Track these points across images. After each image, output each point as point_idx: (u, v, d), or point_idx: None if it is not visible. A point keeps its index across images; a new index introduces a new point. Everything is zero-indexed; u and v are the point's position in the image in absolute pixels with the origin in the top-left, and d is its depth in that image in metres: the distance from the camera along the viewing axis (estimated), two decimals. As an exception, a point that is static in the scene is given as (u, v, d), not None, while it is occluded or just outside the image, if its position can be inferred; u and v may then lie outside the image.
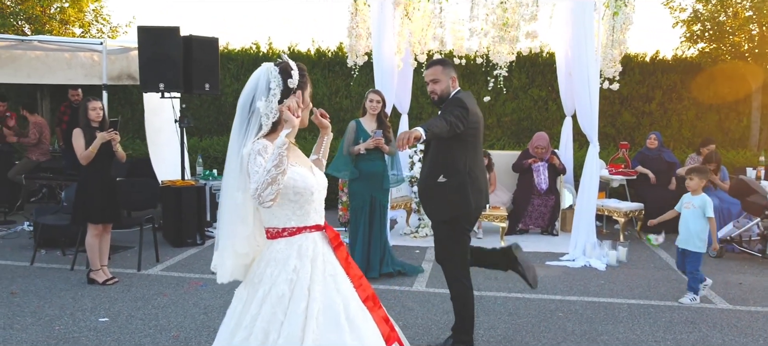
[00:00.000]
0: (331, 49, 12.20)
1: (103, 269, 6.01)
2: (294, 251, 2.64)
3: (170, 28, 7.45)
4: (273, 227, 2.68)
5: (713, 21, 10.31)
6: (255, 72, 2.71)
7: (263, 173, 2.44)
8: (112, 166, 6.11)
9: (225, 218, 2.71)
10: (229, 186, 2.68)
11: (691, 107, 11.14)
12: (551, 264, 6.98)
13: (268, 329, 2.53)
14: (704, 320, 5.18)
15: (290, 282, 2.58)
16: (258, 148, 2.54)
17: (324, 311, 2.56)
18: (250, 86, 2.67)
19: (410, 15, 7.30)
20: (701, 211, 5.63)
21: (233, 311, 2.70)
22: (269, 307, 2.55)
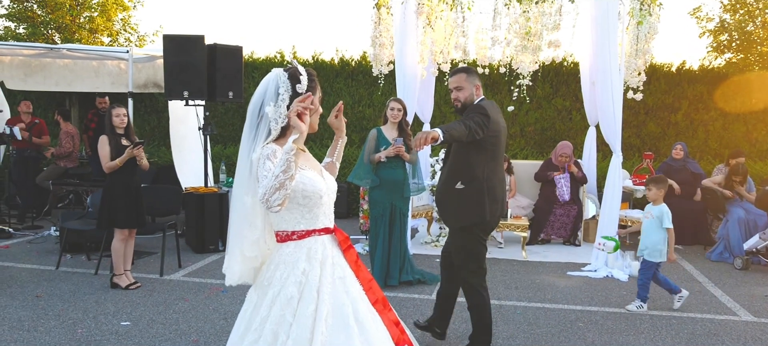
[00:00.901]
0: (354, 58, 12.26)
1: (126, 274, 6.09)
2: (303, 253, 2.66)
3: (195, 36, 7.56)
4: (282, 230, 2.70)
5: (741, 31, 10.21)
6: (265, 78, 2.74)
7: (271, 177, 2.45)
8: (137, 173, 6.18)
9: (235, 222, 2.74)
10: (239, 191, 2.71)
11: (717, 118, 10.99)
12: (573, 274, 6.92)
13: (278, 331, 2.54)
14: (727, 332, 5.10)
15: (299, 284, 2.60)
16: (267, 152, 2.56)
17: (333, 313, 2.58)
18: (259, 92, 2.70)
19: (432, 24, 7.32)
20: (659, 221, 5.60)
21: (244, 314, 2.73)
22: (278, 309, 2.57)
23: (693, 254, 8.10)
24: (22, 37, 12.11)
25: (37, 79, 10.04)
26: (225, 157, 10.69)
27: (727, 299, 6.09)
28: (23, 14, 12.25)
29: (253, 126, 2.67)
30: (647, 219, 5.73)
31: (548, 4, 6.96)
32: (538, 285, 6.46)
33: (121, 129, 6.05)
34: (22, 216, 9.36)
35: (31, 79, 10.06)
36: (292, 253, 2.66)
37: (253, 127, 2.67)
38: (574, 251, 8.09)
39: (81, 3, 12.44)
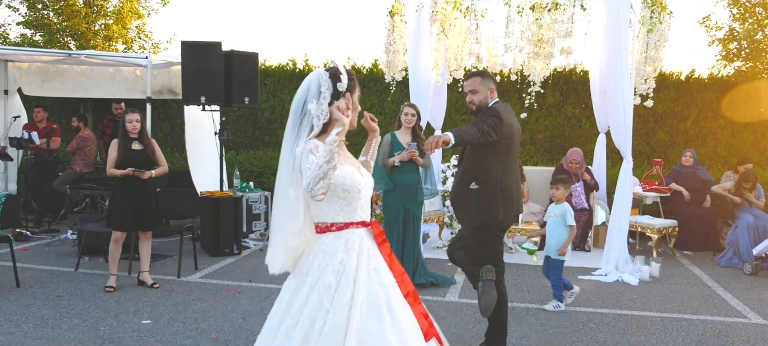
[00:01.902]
0: (365, 66, 12.40)
1: (142, 274, 6.27)
2: (341, 244, 2.79)
3: (212, 43, 7.70)
4: (322, 222, 2.84)
5: (750, 40, 10.29)
6: (307, 77, 2.89)
7: (315, 168, 2.60)
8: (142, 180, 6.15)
9: (278, 214, 2.89)
10: (282, 184, 2.85)
11: (726, 126, 11.05)
12: (583, 278, 7.00)
13: (315, 316, 2.67)
14: (737, 334, 5.18)
15: (337, 273, 2.72)
16: (310, 147, 2.71)
17: (367, 302, 2.70)
18: (302, 90, 2.86)
19: (446, 31, 7.43)
20: (562, 219, 5.67)
21: (281, 301, 2.86)
22: (316, 296, 2.70)
23: (703, 260, 8.17)
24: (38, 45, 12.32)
25: (54, 85, 10.23)
26: (237, 163, 10.82)
27: (736, 302, 6.17)
28: (40, 22, 12.46)
29: (297, 123, 2.82)
30: (551, 218, 5.79)
31: (560, 12, 7.08)
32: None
33: (135, 134, 6.15)
34: (38, 220, 9.51)
35: (48, 85, 10.25)
36: (330, 243, 2.79)
37: (296, 124, 2.82)
38: (584, 256, 8.16)
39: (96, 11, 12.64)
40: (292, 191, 2.81)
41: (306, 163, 2.68)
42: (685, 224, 8.46)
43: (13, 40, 13.03)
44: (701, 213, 8.68)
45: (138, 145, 6.16)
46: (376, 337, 2.64)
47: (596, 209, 8.63)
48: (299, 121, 2.82)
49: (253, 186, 9.48)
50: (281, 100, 12.40)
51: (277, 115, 12.40)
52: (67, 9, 12.31)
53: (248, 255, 7.90)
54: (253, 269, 7.05)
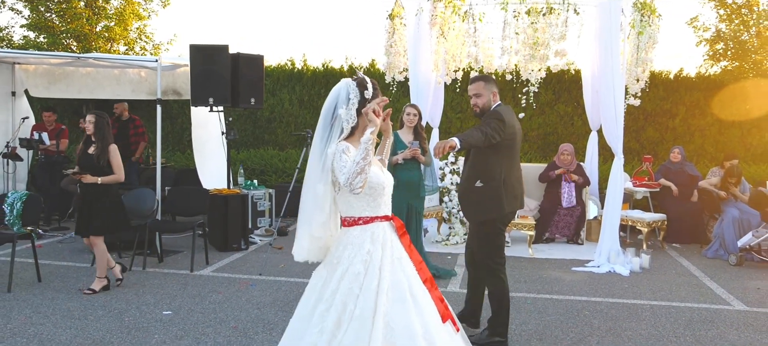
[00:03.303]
0: (363, 66, 12.70)
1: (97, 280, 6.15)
2: (368, 236, 3.13)
3: (220, 46, 7.98)
4: (350, 216, 3.18)
5: (736, 40, 10.66)
6: (336, 86, 3.21)
7: (353, 164, 2.94)
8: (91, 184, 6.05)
9: (306, 207, 3.21)
10: (311, 180, 3.18)
11: (714, 123, 11.45)
12: (577, 270, 7.35)
13: (346, 301, 3.01)
14: (722, 319, 5.53)
15: (365, 262, 3.06)
16: (342, 148, 3.05)
17: (392, 288, 3.04)
18: (332, 97, 3.17)
19: (445, 34, 7.75)
20: None
21: (313, 288, 3.19)
22: (347, 283, 3.04)
23: (690, 252, 8.54)
24: (42, 47, 12.54)
25: (60, 86, 10.46)
26: (239, 161, 11.11)
27: (721, 291, 6.53)
28: (43, 24, 12.67)
29: (327, 126, 3.14)
30: None
31: (555, 16, 7.41)
32: (545, 279, 6.89)
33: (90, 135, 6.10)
34: (47, 219, 9.76)
35: (55, 86, 10.48)
36: (358, 236, 3.13)
37: (327, 127, 3.14)
38: (577, 249, 8.52)
39: (98, 13, 12.87)
40: (321, 187, 3.13)
41: (339, 163, 3.01)
42: (673, 217, 8.82)
43: (17, 43, 13.24)
44: (689, 207, 9.05)
45: (94, 148, 6.07)
46: (401, 319, 2.98)
47: (588, 204, 8.98)
48: (330, 124, 3.13)
49: (257, 184, 9.77)
50: (280, 100, 12.69)
51: (276, 114, 12.69)
52: (70, 11, 12.54)
53: (255, 250, 8.21)
54: (261, 263, 7.35)
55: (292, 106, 12.67)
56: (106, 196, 6.14)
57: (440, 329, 3.09)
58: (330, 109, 3.16)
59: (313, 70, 12.83)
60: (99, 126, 6.09)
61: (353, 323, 2.97)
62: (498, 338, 4.77)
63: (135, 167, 10.67)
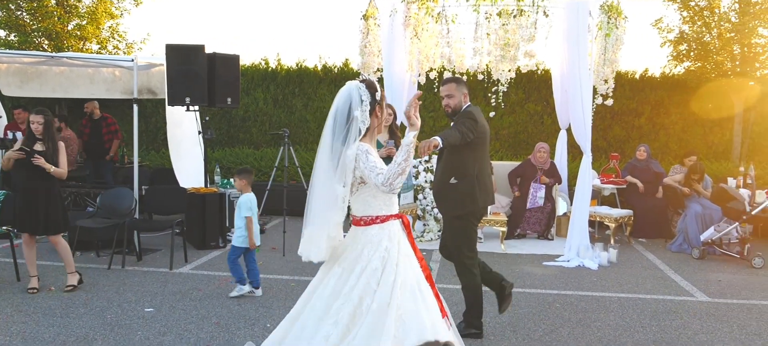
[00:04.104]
0: (337, 65, 12.83)
1: (31, 279, 6.12)
2: (385, 234, 3.28)
3: (196, 46, 8.04)
4: (368, 215, 3.30)
5: (698, 41, 11.00)
6: (344, 89, 3.31)
7: (395, 166, 3.06)
8: (43, 179, 6.05)
9: (319, 208, 3.31)
10: (325, 182, 3.26)
11: (678, 122, 11.83)
12: (548, 264, 7.59)
13: (363, 296, 3.15)
14: (686, 310, 5.80)
15: (382, 259, 3.21)
16: (365, 149, 3.18)
17: (404, 283, 3.20)
18: (344, 99, 3.26)
19: (419, 35, 7.92)
20: (240, 209, 6.11)
21: (326, 285, 3.29)
22: (365, 279, 3.18)
23: (655, 246, 8.84)
24: (13, 45, 12.40)
25: (33, 86, 10.38)
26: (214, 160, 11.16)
27: (685, 283, 6.82)
28: (14, 22, 12.53)
29: (343, 128, 3.22)
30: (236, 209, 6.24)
31: (525, 18, 7.63)
32: (517, 274, 7.11)
33: (39, 135, 6.06)
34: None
35: (28, 86, 10.40)
36: (376, 234, 3.27)
37: (342, 129, 3.22)
38: (548, 245, 8.76)
39: (70, 11, 12.76)
40: (340, 188, 3.22)
41: (368, 164, 3.14)
42: (639, 213, 9.12)
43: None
44: (654, 203, 9.37)
45: (41, 145, 6.05)
46: (412, 313, 3.14)
47: (558, 201, 9.24)
48: (346, 126, 3.21)
49: (233, 182, 9.83)
50: (254, 99, 12.77)
51: (250, 113, 12.77)
52: (41, 9, 12.42)
53: (233, 248, 8.29)
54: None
55: (266, 105, 12.75)
56: (56, 194, 6.22)
57: (443, 323, 3.26)
58: (344, 111, 3.22)
59: (287, 69, 12.93)
60: (48, 126, 6.11)
61: (368, 317, 3.10)
62: (474, 329, 4.96)
63: (109, 166, 10.67)
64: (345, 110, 3.24)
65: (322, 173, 3.30)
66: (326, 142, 3.28)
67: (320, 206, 3.32)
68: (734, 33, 10.67)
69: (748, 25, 10.45)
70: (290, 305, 5.61)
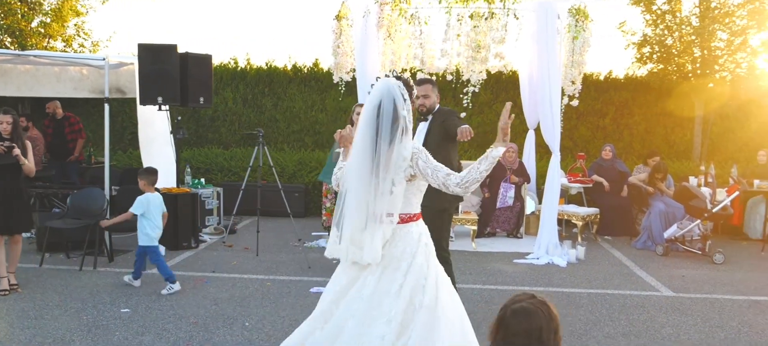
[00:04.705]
0: (306, 65, 12.84)
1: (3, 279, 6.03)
2: (423, 229, 3.38)
3: (168, 45, 8.00)
4: (407, 213, 3.33)
5: (661, 44, 11.30)
6: (384, 87, 3.22)
7: (476, 172, 3.15)
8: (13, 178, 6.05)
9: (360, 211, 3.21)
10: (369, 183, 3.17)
11: (641, 122, 12.14)
12: (518, 262, 7.75)
13: (413, 294, 3.20)
14: (652, 304, 6.01)
15: (425, 256, 3.30)
16: (422, 148, 3.26)
17: (443, 279, 3.35)
18: (388, 98, 3.18)
19: (392, 36, 8.02)
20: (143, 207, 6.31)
21: (363, 286, 3.25)
22: (413, 275, 3.22)
23: (621, 243, 9.09)
24: (-26, 43, 12.15)
25: (-4, 84, 10.21)
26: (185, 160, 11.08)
27: (651, 278, 7.04)
28: (-26, 20, 12.27)
29: (388, 128, 3.16)
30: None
31: (496, 20, 7.79)
32: (489, 271, 7.26)
33: (7, 135, 6.01)
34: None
35: (-9, 84, 10.22)
36: (414, 231, 3.34)
37: (389, 128, 3.16)
38: (517, 243, 8.94)
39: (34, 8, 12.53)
40: (398, 189, 3.21)
41: (430, 163, 3.21)
42: (605, 211, 9.36)
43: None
44: (619, 202, 9.62)
45: (9, 144, 5.98)
46: (450, 307, 3.29)
47: (527, 200, 9.43)
48: (391, 125, 3.15)
49: (204, 182, 9.82)
50: (224, 99, 12.70)
51: (220, 113, 12.70)
52: (4, 7, 12.18)
53: (205, 248, 8.28)
54: (213, 261, 7.46)
55: (236, 104, 12.71)
56: (23, 192, 6.23)
57: None
58: (390, 109, 3.15)
59: (256, 69, 12.90)
60: (16, 125, 6.08)
61: (421, 314, 3.16)
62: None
63: (75, 166, 10.53)
64: (391, 109, 3.16)
65: (365, 174, 3.18)
66: (368, 142, 3.18)
67: (362, 207, 3.20)
68: (695, 36, 10.98)
69: (708, 29, 10.78)
70: (268, 305, 5.73)
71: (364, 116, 3.22)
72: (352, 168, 3.24)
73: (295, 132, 12.63)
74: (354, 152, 3.24)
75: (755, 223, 9.61)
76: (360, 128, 3.23)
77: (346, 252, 3.30)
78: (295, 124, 12.62)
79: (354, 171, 3.22)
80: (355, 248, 3.26)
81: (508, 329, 2.25)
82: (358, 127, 3.24)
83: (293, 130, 12.64)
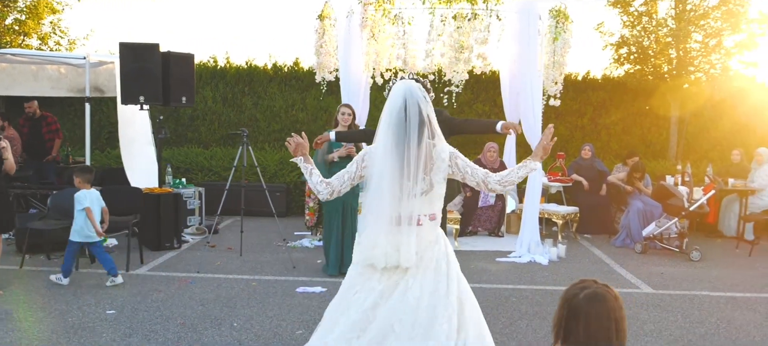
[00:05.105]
0: (287, 64, 12.81)
1: None
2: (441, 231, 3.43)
3: (150, 44, 7.95)
4: (432, 212, 3.31)
5: (638, 45, 11.48)
6: (405, 88, 3.22)
7: (514, 175, 3.26)
8: None
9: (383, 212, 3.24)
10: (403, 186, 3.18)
11: (618, 122, 12.33)
12: (501, 260, 7.84)
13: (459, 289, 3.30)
14: (633, 301, 6.13)
15: (454, 254, 3.40)
16: (453, 148, 3.31)
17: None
18: (412, 99, 3.18)
19: (376, 36, 8.04)
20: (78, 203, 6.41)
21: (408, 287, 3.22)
22: (454, 271, 3.32)
23: (600, 242, 9.24)
24: (-53, 40, 11.93)
25: (-29, 83, 10.05)
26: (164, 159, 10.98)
27: (631, 276, 7.18)
28: (-54, 16, 12.05)
29: (417, 127, 3.17)
30: None
31: (479, 22, 7.86)
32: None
33: None
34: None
35: (-35, 83, 10.06)
36: (440, 230, 3.41)
37: (416, 129, 3.16)
38: (499, 241, 9.03)
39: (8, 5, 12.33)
40: (437, 190, 3.25)
41: (468, 162, 3.29)
42: (584, 210, 9.50)
43: None
44: (598, 201, 9.77)
45: None
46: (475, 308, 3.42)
47: (507, 199, 9.53)
48: (418, 124, 3.16)
49: (185, 182, 9.76)
50: (203, 98, 12.62)
51: (199, 112, 12.62)
52: (-23, 4, 12.00)
53: (188, 248, 8.24)
54: (197, 261, 7.42)
55: (215, 103, 12.63)
56: (4, 191, 6.27)
57: None
58: (416, 110, 3.15)
59: (236, 68, 12.83)
60: None
61: (467, 306, 3.31)
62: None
63: (52, 166, 10.39)
64: (416, 110, 3.16)
65: (396, 177, 3.17)
66: (396, 144, 3.17)
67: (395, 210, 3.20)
68: (671, 38, 11.18)
69: (683, 31, 10.97)
70: (255, 305, 5.74)
71: (389, 118, 3.18)
72: (380, 172, 3.19)
73: (276, 131, 12.60)
74: (380, 155, 3.19)
75: (730, 221, 9.83)
76: (384, 131, 3.18)
77: (383, 257, 3.23)
78: (276, 123, 12.58)
79: (384, 175, 3.17)
80: (392, 251, 3.21)
81: (588, 316, 2.18)
82: (381, 129, 3.20)
83: (273, 130, 12.60)
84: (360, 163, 3.38)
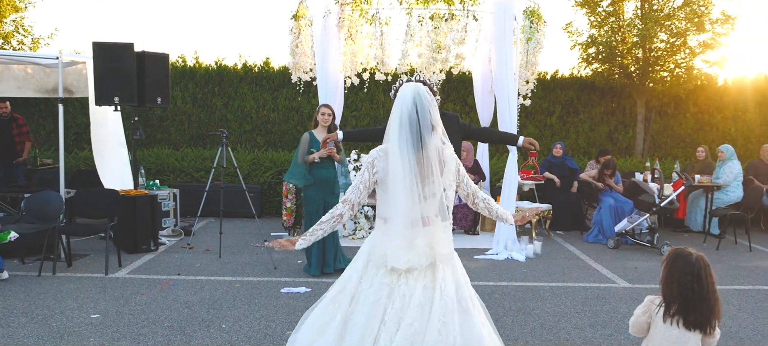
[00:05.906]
0: (257, 64, 12.75)
1: None
2: None
3: (125, 44, 7.83)
4: (447, 214, 3.32)
5: (606, 45, 11.75)
6: (414, 90, 3.14)
7: (495, 211, 3.52)
8: None
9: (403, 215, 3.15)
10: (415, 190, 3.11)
11: (586, 120, 12.59)
12: (479, 258, 7.95)
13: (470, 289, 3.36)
14: (612, 296, 6.29)
15: None
16: None
17: None
18: (421, 102, 3.11)
19: (353, 37, 8.08)
20: None
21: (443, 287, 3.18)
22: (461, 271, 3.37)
23: (573, 238, 9.43)
24: None
25: (-66, 83, 9.76)
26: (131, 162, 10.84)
27: (606, 271, 7.35)
28: None
29: (430, 130, 3.11)
30: None
31: (456, 22, 7.95)
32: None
33: None
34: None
35: (-71, 83, 9.77)
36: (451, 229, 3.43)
37: (429, 132, 3.10)
38: (475, 239, 9.15)
39: (-31, 4, 12.03)
40: (450, 193, 3.27)
41: (465, 172, 3.38)
42: (557, 207, 9.69)
43: None
44: (570, 198, 9.98)
45: None
46: None
47: (482, 197, 9.65)
48: (431, 130, 3.11)
49: (159, 183, 9.64)
50: (173, 98, 12.45)
51: (169, 112, 12.47)
52: (-64, 1, 11.67)
53: (165, 250, 8.16)
54: (176, 263, 7.36)
55: (185, 104, 12.50)
56: None
57: None
58: (427, 114, 3.10)
59: (206, 67, 12.72)
60: None
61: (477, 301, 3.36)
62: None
63: (22, 169, 10.18)
64: (427, 113, 3.11)
65: (409, 180, 3.10)
66: (408, 146, 3.10)
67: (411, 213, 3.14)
68: (638, 39, 11.46)
69: (649, 31, 11.25)
70: (241, 306, 5.74)
71: (399, 121, 3.12)
72: (394, 175, 3.13)
73: (247, 132, 12.53)
74: (394, 158, 3.13)
75: (696, 216, 10.14)
76: (397, 133, 3.12)
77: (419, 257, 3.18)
78: (247, 123, 12.51)
79: (400, 177, 3.10)
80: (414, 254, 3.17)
81: (672, 267, 3.12)
82: (393, 132, 3.13)
83: (245, 130, 12.53)
84: (371, 169, 3.24)
